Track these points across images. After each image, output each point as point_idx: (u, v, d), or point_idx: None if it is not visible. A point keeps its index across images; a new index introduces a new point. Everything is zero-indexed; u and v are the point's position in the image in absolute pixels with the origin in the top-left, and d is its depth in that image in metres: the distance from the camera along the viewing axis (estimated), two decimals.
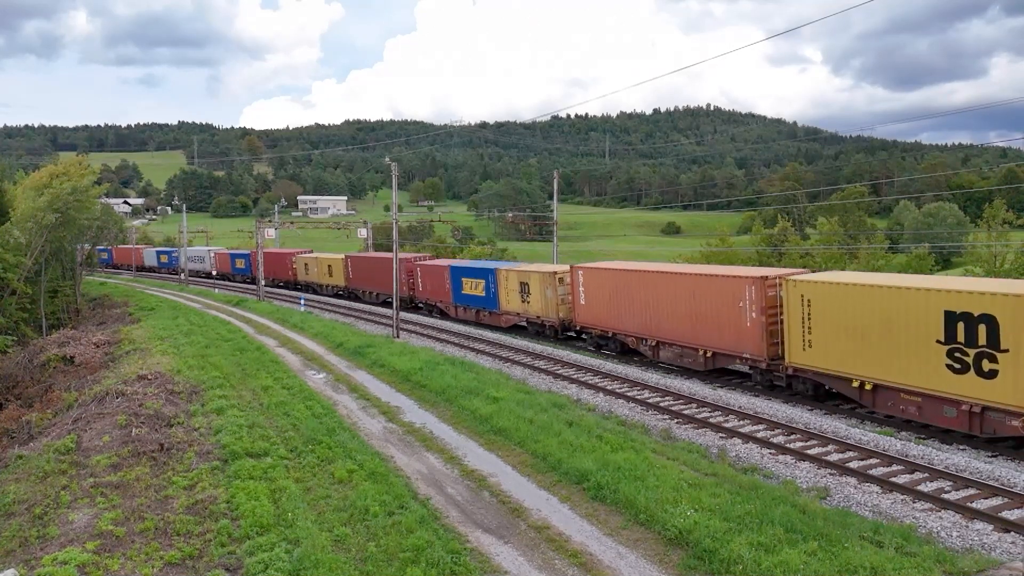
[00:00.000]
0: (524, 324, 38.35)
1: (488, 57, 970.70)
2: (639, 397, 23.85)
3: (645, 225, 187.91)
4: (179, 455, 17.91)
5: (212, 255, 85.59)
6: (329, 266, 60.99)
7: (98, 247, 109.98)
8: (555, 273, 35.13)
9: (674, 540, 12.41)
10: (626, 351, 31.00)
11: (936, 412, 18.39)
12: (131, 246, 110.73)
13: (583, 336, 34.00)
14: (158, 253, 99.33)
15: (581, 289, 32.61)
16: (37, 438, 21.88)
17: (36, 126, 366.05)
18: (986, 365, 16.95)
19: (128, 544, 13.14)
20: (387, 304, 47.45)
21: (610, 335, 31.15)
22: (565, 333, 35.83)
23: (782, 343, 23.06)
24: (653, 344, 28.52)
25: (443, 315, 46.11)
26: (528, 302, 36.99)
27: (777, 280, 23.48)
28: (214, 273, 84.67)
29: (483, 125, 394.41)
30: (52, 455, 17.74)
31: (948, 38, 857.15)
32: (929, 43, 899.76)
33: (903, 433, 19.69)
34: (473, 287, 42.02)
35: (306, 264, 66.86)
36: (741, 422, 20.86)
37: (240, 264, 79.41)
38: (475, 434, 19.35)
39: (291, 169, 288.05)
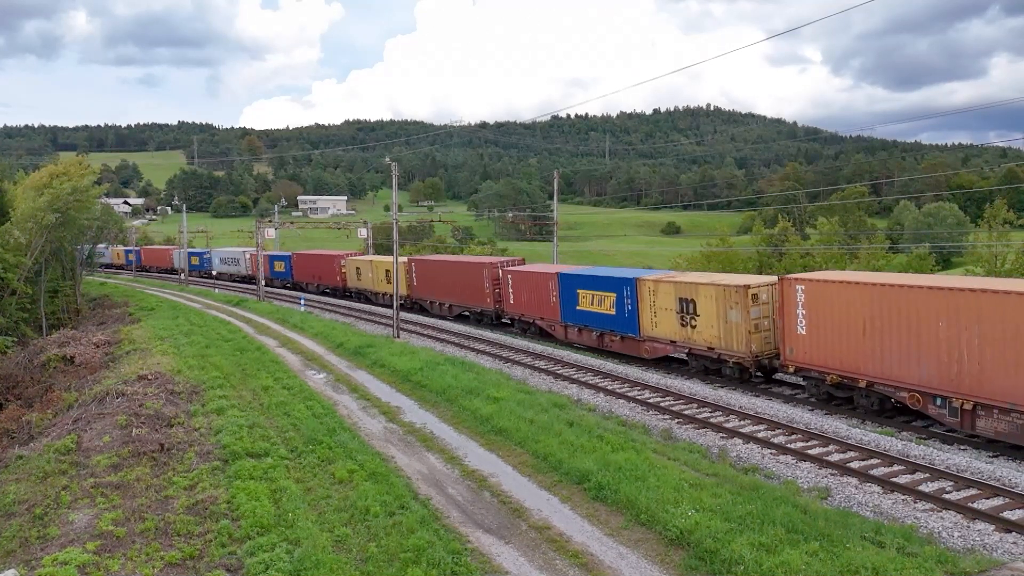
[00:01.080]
0: (682, 356, 28.17)
1: (488, 57, 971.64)
2: (640, 397, 23.83)
3: (645, 225, 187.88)
4: (179, 455, 17.90)
5: (247, 257, 76.56)
6: (387, 271, 51.28)
7: (126, 248, 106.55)
8: (746, 287, 24.83)
9: (675, 540, 12.40)
10: (896, 409, 21.15)
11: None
12: (161, 247, 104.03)
13: (800, 380, 24.17)
14: (189, 254, 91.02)
15: (801, 311, 22.60)
16: (37, 438, 21.86)
17: (36, 126, 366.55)
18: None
19: (128, 544, 13.12)
20: (464, 319, 43.95)
21: (862, 384, 21.08)
22: (762, 373, 26.21)
23: None
24: (965, 407, 18.43)
25: (545, 335, 36.18)
26: (693, 326, 26.89)
27: None
28: (251, 276, 76.20)
29: (483, 125, 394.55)
30: (52, 455, 17.73)
31: (948, 38, 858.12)
32: (929, 43, 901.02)
33: (904, 433, 19.68)
34: (596, 302, 31.69)
35: (358, 268, 57.45)
36: (742, 422, 20.84)
37: (280, 267, 71.22)
38: (476, 434, 19.34)
39: (291, 169, 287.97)
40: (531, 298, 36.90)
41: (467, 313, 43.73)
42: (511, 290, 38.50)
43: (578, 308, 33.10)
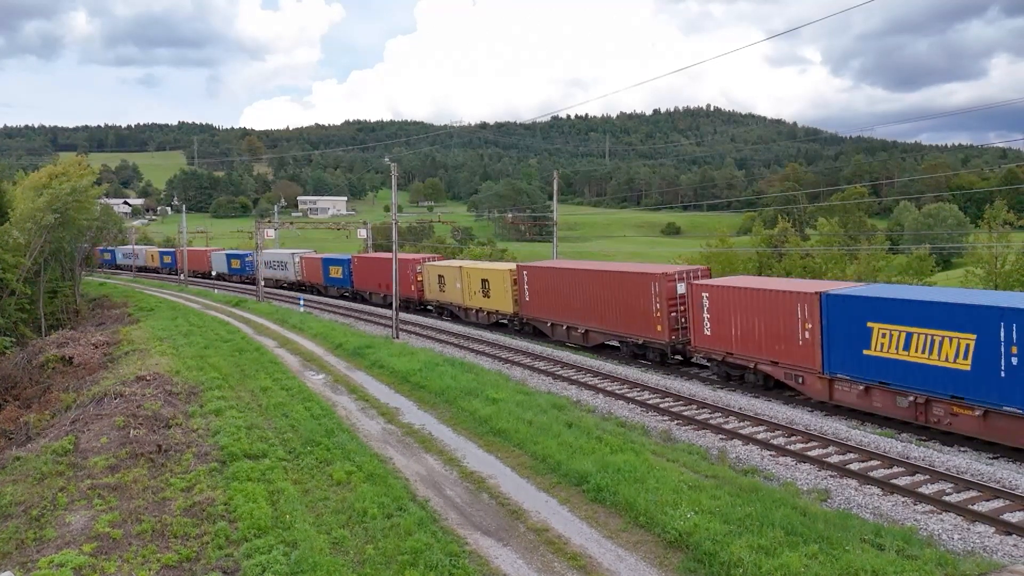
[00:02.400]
0: None
1: (488, 57, 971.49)
2: (639, 398, 23.78)
3: (645, 225, 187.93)
4: (177, 456, 17.84)
5: (297, 260, 69.11)
6: (486, 281, 40.95)
7: (161, 250, 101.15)
8: None
9: (674, 542, 12.35)
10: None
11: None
12: (198, 248, 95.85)
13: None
14: (228, 257, 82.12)
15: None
16: (35, 439, 21.82)
17: (36, 126, 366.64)
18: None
19: (125, 546, 13.06)
20: (608, 350, 32.66)
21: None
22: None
23: None
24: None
25: (781, 387, 24.61)
26: None
27: None
28: (301, 283, 68.55)
29: (483, 125, 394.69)
30: (50, 456, 17.66)
31: (948, 39, 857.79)
32: (929, 44, 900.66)
33: (904, 435, 19.63)
34: (921, 347, 19.61)
35: (440, 277, 46.41)
36: (741, 423, 20.79)
37: (336, 272, 60.97)
38: (474, 435, 19.29)
39: (291, 169, 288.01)
40: (751, 328, 24.53)
41: (619, 343, 31.70)
42: (707, 315, 26.34)
43: (869, 353, 20.77)
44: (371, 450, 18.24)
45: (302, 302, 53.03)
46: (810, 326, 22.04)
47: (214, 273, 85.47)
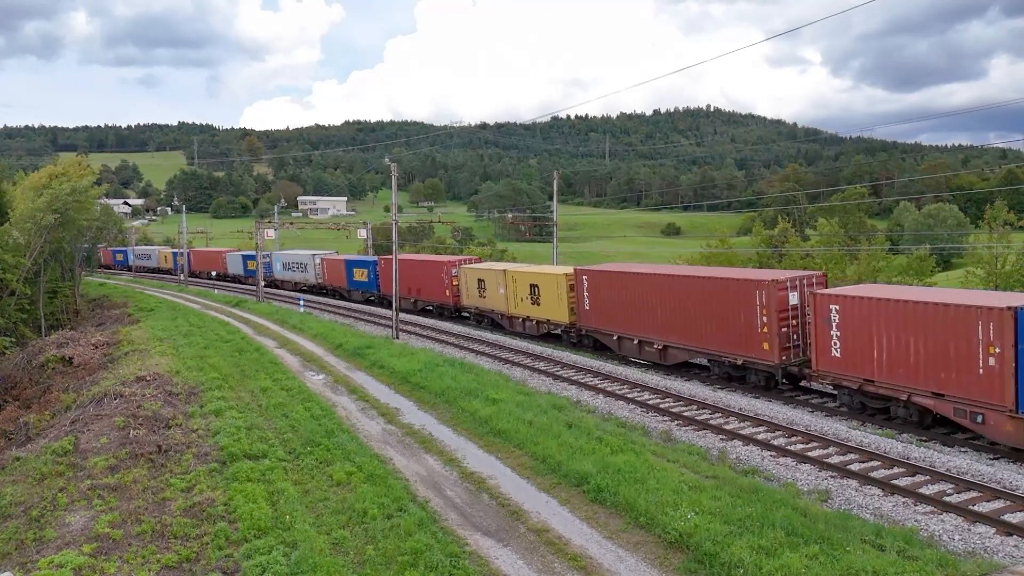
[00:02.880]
0: None
1: (488, 57, 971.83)
2: (639, 399, 23.77)
3: (645, 226, 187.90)
4: (177, 457, 17.83)
5: (318, 262, 63.79)
6: (535, 286, 36.14)
7: (174, 251, 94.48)
8: None
9: (674, 543, 12.34)
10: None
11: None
12: (213, 249, 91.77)
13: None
14: (244, 258, 76.55)
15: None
16: (35, 439, 21.82)
17: (36, 126, 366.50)
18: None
19: (125, 547, 13.05)
20: (693, 369, 28.29)
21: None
22: None
23: None
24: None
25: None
26: None
27: None
28: (323, 287, 63.69)
29: (483, 126, 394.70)
30: (49, 457, 17.66)
31: (948, 39, 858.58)
32: (929, 44, 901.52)
33: (904, 435, 19.62)
34: None
35: (480, 281, 41.42)
36: (742, 424, 20.78)
37: (360, 276, 56.07)
38: (474, 436, 19.27)
39: (291, 170, 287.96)
40: (903, 350, 19.73)
41: (709, 362, 26.98)
42: (836, 332, 21.47)
43: None
44: (371, 451, 18.23)
45: (302, 302, 52.99)
46: (997, 350, 17.40)
47: (229, 274, 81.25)
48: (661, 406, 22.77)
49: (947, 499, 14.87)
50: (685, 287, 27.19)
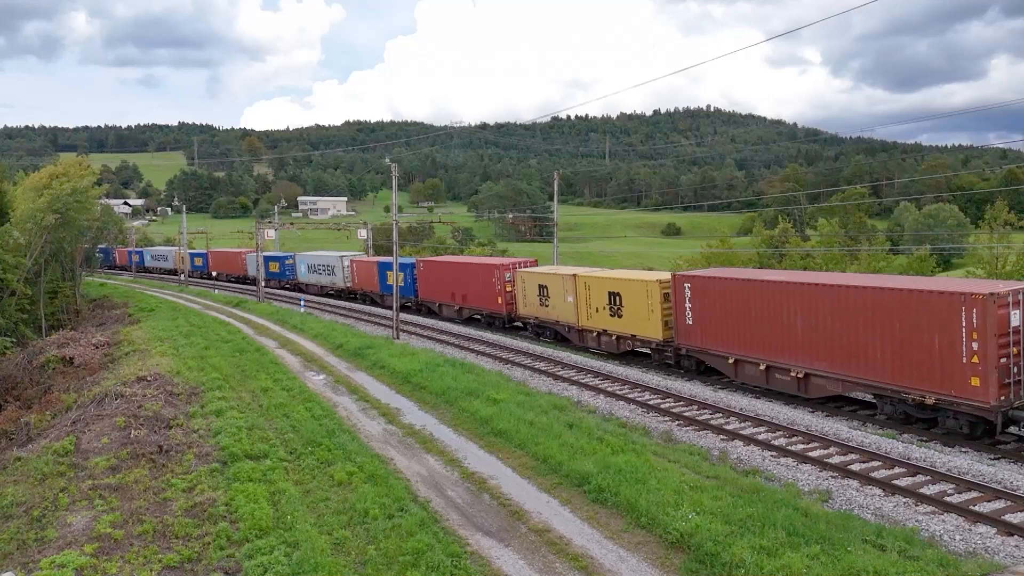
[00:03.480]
0: None
1: (488, 57, 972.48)
2: (640, 399, 23.77)
3: (645, 226, 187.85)
4: (178, 457, 17.84)
5: (347, 264, 58.53)
6: (616, 295, 30.72)
7: (191, 252, 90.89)
8: None
9: (676, 543, 12.34)
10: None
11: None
12: (233, 250, 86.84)
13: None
14: (266, 259, 69.85)
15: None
16: (36, 440, 21.82)
17: (36, 127, 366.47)
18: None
19: (126, 547, 13.07)
20: (900, 413, 20.57)
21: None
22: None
23: None
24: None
25: None
26: None
27: None
28: (352, 291, 58.32)
29: (483, 126, 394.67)
30: (51, 457, 17.67)
31: (947, 39, 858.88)
32: (928, 44, 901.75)
33: (905, 436, 19.62)
34: None
35: (542, 287, 35.87)
36: (742, 424, 20.79)
37: (398, 279, 45.94)
38: (475, 436, 19.28)
39: (291, 170, 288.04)
40: None
41: (876, 397, 21.22)
42: None
43: None
44: (372, 451, 18.24)
45: (303, 302, 53.00)
46: None
47: (249, 277, 75.71)
48: (662, 406, 22.78)
49: (948, 499, 14.87)
50: (843, 299, 21.46)
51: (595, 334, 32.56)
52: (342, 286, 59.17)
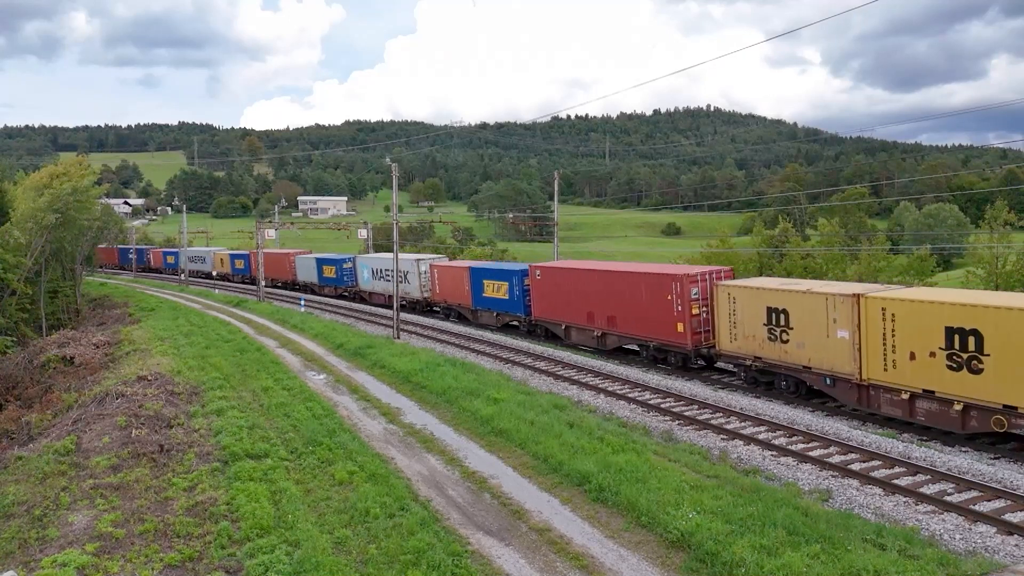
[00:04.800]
0: None
1: (488, 57, 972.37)
2: (640, 399, 23.79)
3: (645, 226, 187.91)
4: (179, 456, 17.86)
5: (424, 270, 48.40)
6: (970, 335, 18.10)
7: (232, 253, 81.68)
8: None
9: (676, 543, 12.36)
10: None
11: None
12: (279, 251, 76.90)
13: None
14: (319, 262, 63.18)
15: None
16: (37, 439, 21.84)
17: (36, 126, 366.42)
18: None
19: (128, 546, 13.09)
20: None
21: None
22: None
23: None
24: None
25: None
26: None
27: None
28: (430, 302, 48.96)
29: (483, 126, 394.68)
30: (52, 456, 17.69)
31: (947, 39, 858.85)
32: (928, 44, 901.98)
33: (905, 435, 19.64)
34: None
35: (776, 312, 23.69)
36: (743, 424, 20.80)
37: (498, 291, 39.73)
38: (476, 435, 19.30)
39: (291, 170, 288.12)
40: None
41: None
42: None
43: None
44: (373, 450, 18.26)
45: (303, 302, 53.01)
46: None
47: (299, 282, 67.56)
48: (662, 406, 22.80)
49: (948, 498, 14.89)
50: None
51: (905, 397, 19.86)
52: (417, 297, 49.03)
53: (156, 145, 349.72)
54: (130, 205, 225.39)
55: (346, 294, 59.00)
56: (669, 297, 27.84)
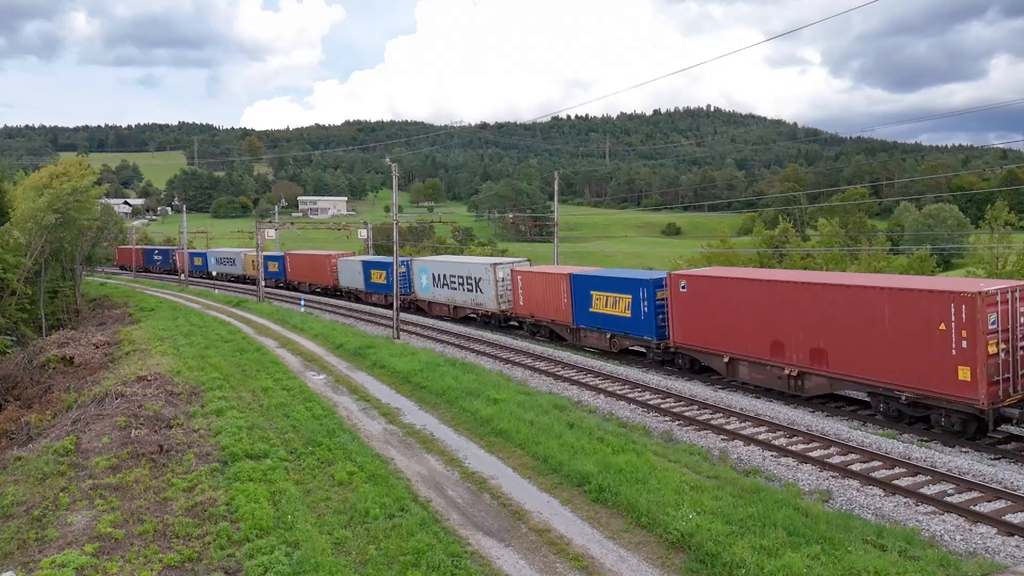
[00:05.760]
0: None
1: (488, 57, 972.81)
2: (640, 399, 23.77)
3: (645, 226, 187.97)
4: (178, 457, 17.84)
5: (503, 276, 40.09)
6: None
7: (266, 255, 70.52)
8: None
9: (676, 543, 12.34)
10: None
11: None
12: (318, 253, 69.38)
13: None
14: (367, 267, 55.26)
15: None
16: (36, 439, 21.81)
17: (36, 126, 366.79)
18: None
19: (127, 546, 13.07)
20: None
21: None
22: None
23: None
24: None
25: None
26: None
27: None
28: (507, 316, 40.36)
29: (483, 126, 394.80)
30: (51, 456, 17.67)
31: (947, 39, 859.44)
32: (928, 44, 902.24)
33: (906, 436, 19.62)
34: None
35: None
36: (743, 424, 20.78)
37: (614, 306, 31.14)
38: (476, 436, 19.28)
39: (291, 170, 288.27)
40: None
41: None
42: None
43: None
44: (373, 450, 18.24)
45: (303, 302, 52.97)
46: None
47: (341, 288, 59.63)
48: (662, 406, 22.78)
49: (948, 499, 14.86)
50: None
51: None
52: (493, 309, 40.71)
53: (156, 145, 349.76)
54: (130, 205, 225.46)
55: (409, 304, 49.63)
56: (943, 326, 18.62)
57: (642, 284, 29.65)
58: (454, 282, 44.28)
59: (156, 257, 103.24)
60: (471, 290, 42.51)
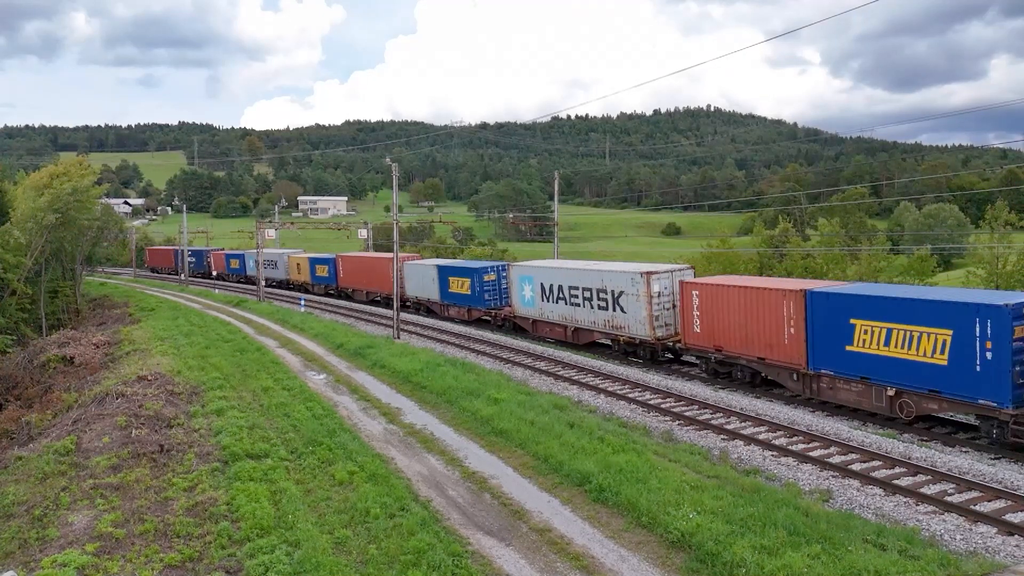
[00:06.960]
0: None
1: (488, 57, 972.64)
2: (640, 399, 23.78)
3: (645, 226, 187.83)
4: (179, 456, 17.86)
5: (663, 290, 29.19)
6: None
7: (313, 257, 65.44)
8: None
9: (676, 543, 12.35)
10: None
11: None
12: (375, 256, 58.05)
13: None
14: (443, 272, 45.59)
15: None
16: (37, 439, 21.82)
17: (37, 126, 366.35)
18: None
19: (128, 546, 13.08)
20: None
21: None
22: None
23: None
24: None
25: None
26: None
27: None
28: (661, 345, 29.34)
29: (483, 126, 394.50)
30: (52, 456, 17.68)
31: (947, 40, 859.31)
32: (928, 44, 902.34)
33: (906, 435, 19.63)
34: None
35: None
36: (743, 424, 20.79)
37: (913, 343, 19.21)
38: (476, 436, 19.29)
39: (291, 169, 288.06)
40: None
41: None
42: None
43: None
44: (373, 450, 18.25)
45: (303, 302, 52.96)
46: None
47: (409, 298, 48.98)
48: (662, 406, 22.79)
49: (949, 499, 14.88)
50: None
51: None
52: (642, 334, 29.72)
53: (156, 145, 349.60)
54: (130, 205, 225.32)
55: (488, 318, 40.87)
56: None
57: (978, 312, 18.02)
58: (575, 296, 33.63)
59: (190, 259, 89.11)
60: (604, 307, 31.68)
